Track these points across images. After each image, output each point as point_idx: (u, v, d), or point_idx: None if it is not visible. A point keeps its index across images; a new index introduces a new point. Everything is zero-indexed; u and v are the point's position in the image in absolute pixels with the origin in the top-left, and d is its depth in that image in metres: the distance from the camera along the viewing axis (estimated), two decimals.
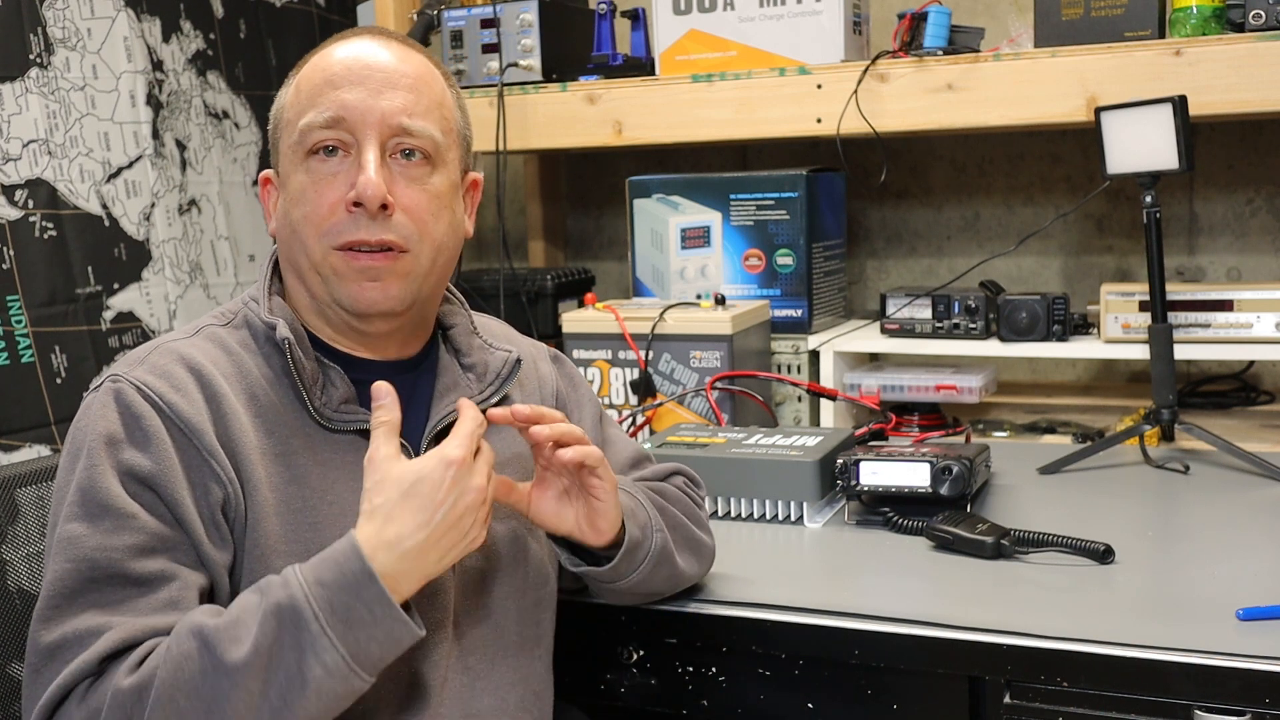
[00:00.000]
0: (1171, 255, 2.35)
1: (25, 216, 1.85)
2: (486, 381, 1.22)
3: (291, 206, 1.11)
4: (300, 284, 1.14)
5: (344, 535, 1.00)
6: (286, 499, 1.07)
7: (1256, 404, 2.21)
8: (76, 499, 1.02)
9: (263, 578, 1.00)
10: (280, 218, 1.14)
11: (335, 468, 1.10)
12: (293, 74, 1.16)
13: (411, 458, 1.09)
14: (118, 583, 0.99)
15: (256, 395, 1.09)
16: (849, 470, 1.54)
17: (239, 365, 1.11)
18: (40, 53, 1.89)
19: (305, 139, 1.10)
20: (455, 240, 1.18)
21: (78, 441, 1.05)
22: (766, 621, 1.29)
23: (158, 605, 0.99)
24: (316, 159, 1.10)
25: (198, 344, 1.11)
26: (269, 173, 1.18)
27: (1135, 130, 1.74)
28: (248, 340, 1.13)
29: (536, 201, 2.82)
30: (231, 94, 2.31)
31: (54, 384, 1.86)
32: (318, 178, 1.10)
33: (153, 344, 1.12)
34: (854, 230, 2.56)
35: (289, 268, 1.15)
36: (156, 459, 1.02)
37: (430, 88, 1.14)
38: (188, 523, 1.02)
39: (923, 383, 2.06)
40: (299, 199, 1.10)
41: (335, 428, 1.11)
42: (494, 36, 2.28)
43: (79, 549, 0.99)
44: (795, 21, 2.12)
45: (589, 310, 2.04)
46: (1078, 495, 1.66)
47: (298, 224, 1.11)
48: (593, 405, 1.38)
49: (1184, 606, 1.24)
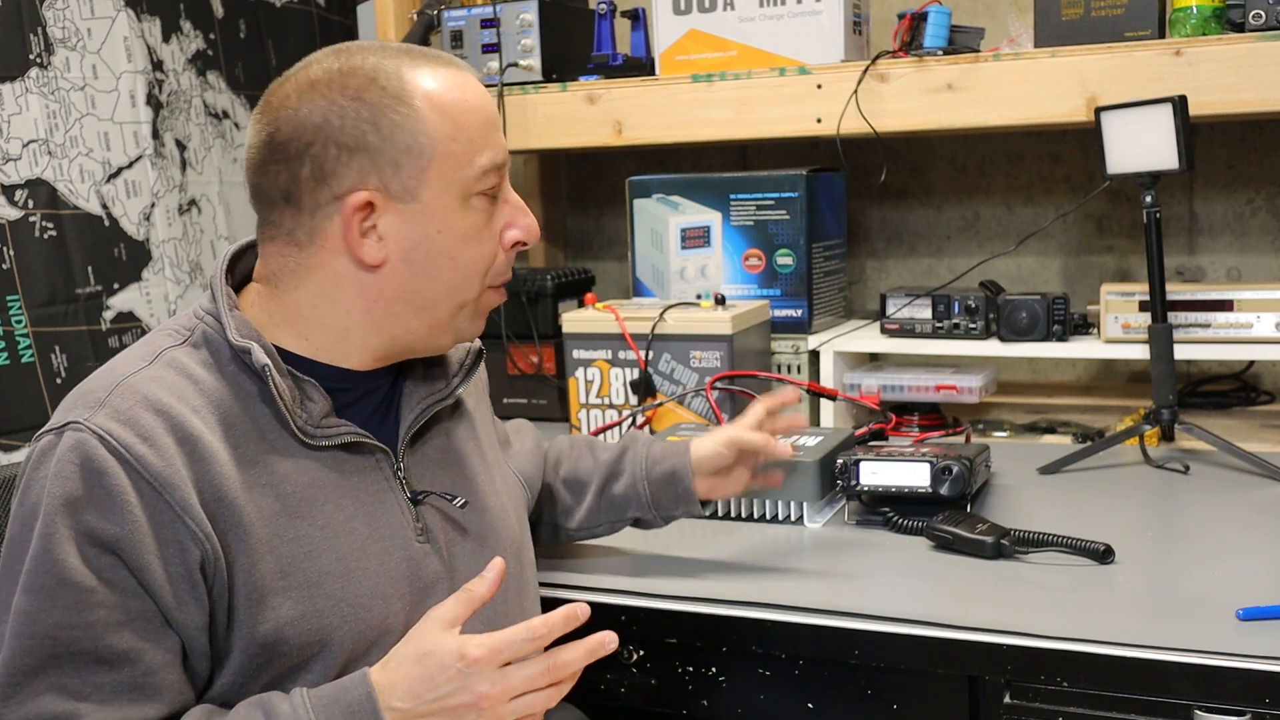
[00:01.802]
0: (1171, 255, 2.35)
1: (25, 216, 1.85)
2: (450, 373, 1.22)
3: (460, 245, 1.10)
4: (400, 320, 1.11)
5: (344, 564, 1.05)
6: (278, 531, 1.04)
7: (1256, 404, 2.21)
8: (32, 569, 0.96)
9: (263, 621, 1.01)
10: (423, 252, 1.08)
11: (321, 485, 1.08)
12: (416, 98, 1.06)
13: (394, 462, 1.13)
14: (80, 661, 0.96)
15: (232, 425, 1.05)
16: (849, 470, 1.54)
17: (207, 394, 1.05)
18: (40, 53, 1.89)
19: (485, 179, 1.10)
20: None
21: (34, 497, 0.98)
22: (766, 621, 1.29)
23: (123, 687, 0.97)
24: (482, 199, 1.11)
25: (159, 375, 1.04)
26: (374, 196, 1.06)
27: (1135, 130, 1.74)
28: (209, 360, 1.07)
29: (536, 201, 2.82)
30: (231, 94, 2.31)
31: (54, 384, 1.86)
32: (488, 218, 1.12)
33: (110, 378, 1.03)
34: (854, 230, 2.56)
35: (407, 303, 1.10)
36: (121, 523, 0.96)
37: None
38: (155, 589, 0.98)
39: (923, 383, 2.06)
40: (474, 238, 1.11)
41: (318, 444, 1.09)
42: (494, 36, 2.28)
43: (38, 625, 0.96)
44: (795, 21, 2.12)
45: (589, 310, 2.04)
46: (1078, 495, 1.66)
47: (469, 263, 1.11)
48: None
49: (1184, 606, 1.24)
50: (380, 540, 1.10)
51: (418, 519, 1.14)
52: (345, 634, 1.05)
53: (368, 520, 1.10)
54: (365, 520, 1.10)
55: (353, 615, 1.06)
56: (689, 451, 1.39)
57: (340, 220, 1.06)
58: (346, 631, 1.05)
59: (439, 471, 1.19)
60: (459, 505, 1.15)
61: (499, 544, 1.21)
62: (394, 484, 1.13)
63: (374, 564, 1.09)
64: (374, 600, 1.08)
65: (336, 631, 1.05)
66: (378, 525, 1.11)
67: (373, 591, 1.08)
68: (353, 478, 1.11)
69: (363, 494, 1.11)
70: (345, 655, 1.06)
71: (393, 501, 1.13)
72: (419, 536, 1.13)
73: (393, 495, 1.13)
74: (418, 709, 0.98)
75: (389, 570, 1.10)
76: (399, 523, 1.12)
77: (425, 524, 1.14)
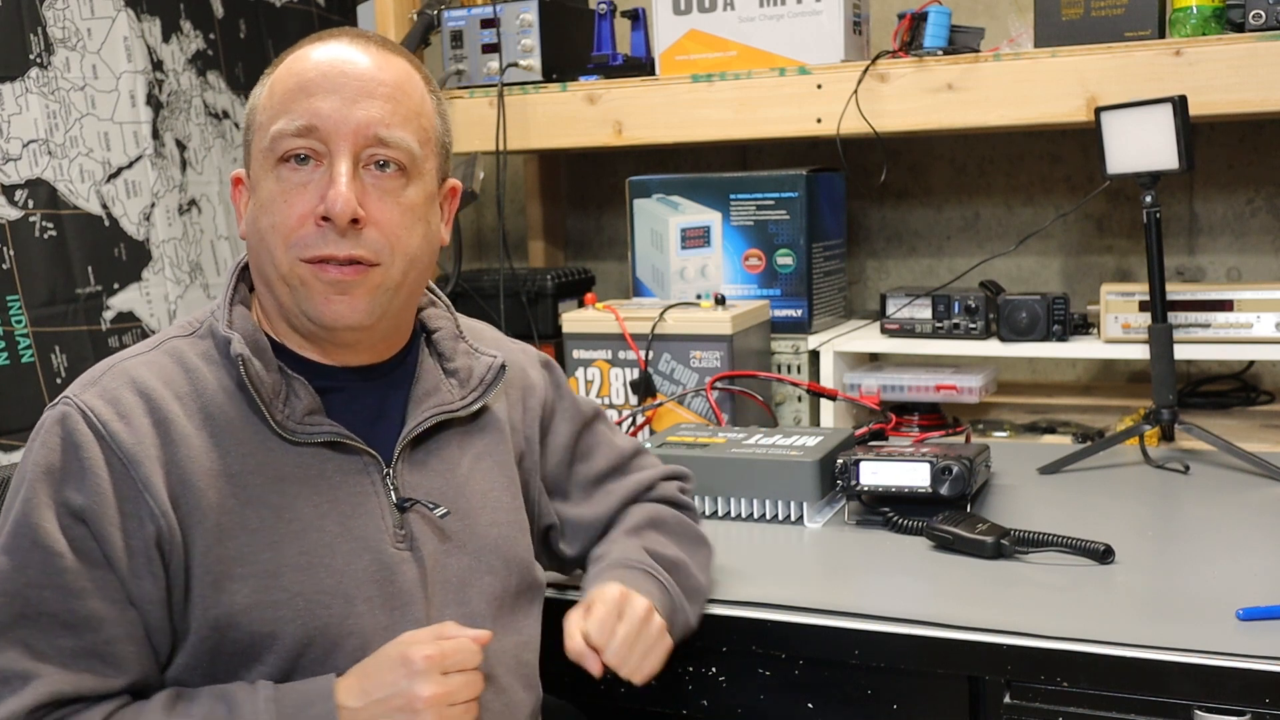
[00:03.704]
0: (1171, 255, 2.35)
1: (25, 216, 1.85)
2: (470, 387, 1.20)
3: (260, 214, 1.08)
4: (268, 291, 1.12)
5: (307, 559, 1.05)
6: (242, 520, 1.05)
7: (1256, 404, 2.21)
8: (12, 531, 1.02)
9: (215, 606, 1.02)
10: (249, 223, 1.11)
11: (296, 482, 1.08)
12: (267, 73, 1.13)
13: (383, 470, 1.12)
14: (47, 623, 1.00)
15: (212, 414, 1.07)
16: (849, 470, 1.54)
17: (196, 382, 1.08)
18: (40, 53, 1.89)
19: (276, 146, 1.07)
20: (429, 251, 1.15)
21: (23, 469, 1.05)
22: (766, 621, 1.28)
23: (84, 652, 1.00)
24: (287, 167, 1.07)
25: (155, 360, 1.09)
26: (240, 172, 1.14)
27: (1135, 130, 1.74)
28: (211, 351, 1.11)
29: (536, 201, 2.82)
30: (231, 94, 2.31)
31: (54, 384, 1.86)
32: (287, 187, 1.06)
33: (110, 361, 1.10)
34: (854, 230, 2.56)
35: (257, 274, 1.12)
36: (90, 494, 1.01)
37: (409, 96, 1.11)
38: (116, 560, 1.01)
39: (923, 383, 2.06)
40: (267, 207, 1.07)
41: (298, 440, 1.09)
42: (494, 36, 2.28)
43: (11, 584, 1.00)
44: (795, 21, 2.12)
45: (589, 310, 2.04)
46: (1078, 495, 1.66)
47: (265, 233, 1.08)
48: (572, 419, 1.34)
49: (1184, 606, 1.24)
50: (350, 541, 1.09)
51: (401, 525, 1.12)
52: (298, 627, 1.05)
53: (340, 520, 1.09)
54: (338, 520, 1.09)
55: (308, 610, 1.06)
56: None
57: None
58: (300, 625, 1.05)
59: (436, 481, 1.16)
60: (439, 515, 1.14)
61: (494, 561, 1.18)
62: (379, 488, 1.12)
63: (339, 563, 1.08)
64: (333, 599, 1.07)
65: (290, 624, 1.05)
66: (350, 526, 1.10)
67: (332, 589, 1.07)
68: (334, 477, 1.10)
69: (341, 493, 1.10)
70: (298, 649, 1.05)
71: (374, 505, 1.12)
72: (398, 542, 1.12)
73: (375, 499, 1.12)
74: (365, 709, 1.01)
75: (354, 572, 1.09)
76: (375, 527, 1.11)
77: (411, 531, 1.13)
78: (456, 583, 1.15)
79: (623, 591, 1.17)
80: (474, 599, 1.16)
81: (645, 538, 1.28)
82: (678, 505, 1.37)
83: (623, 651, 1.14)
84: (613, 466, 1.35)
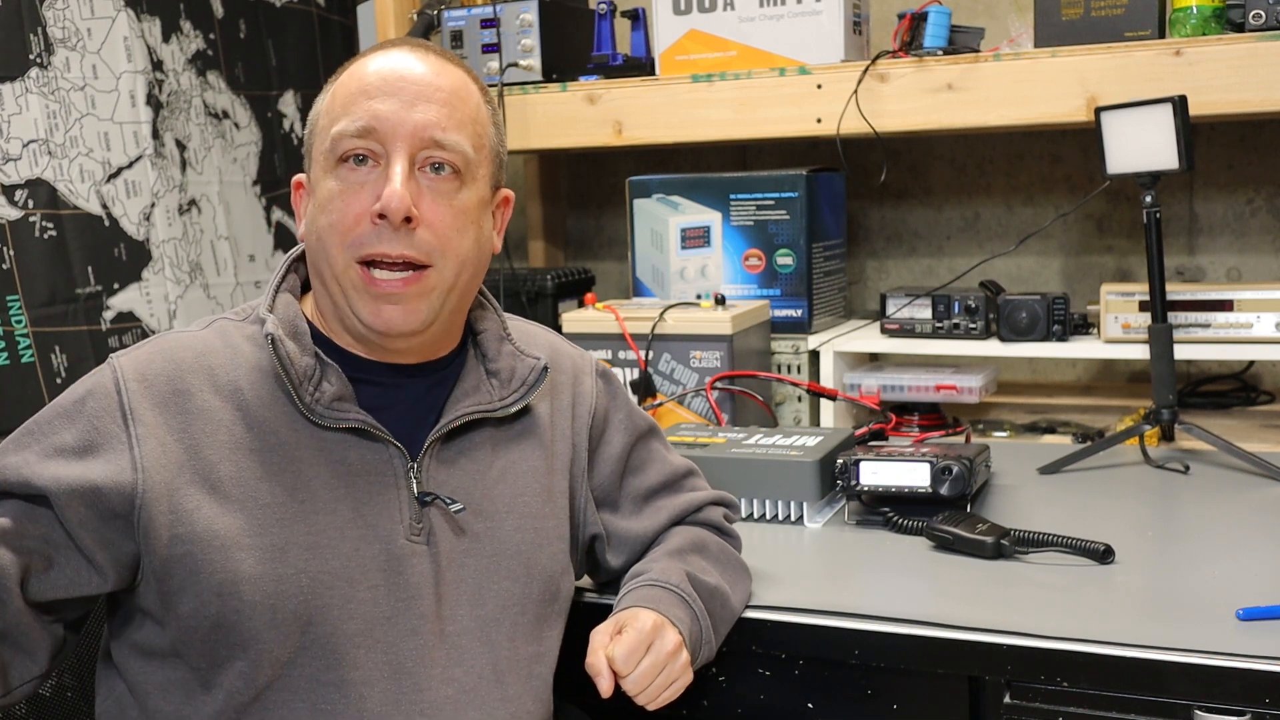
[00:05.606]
0: (1171, 255, 2.35)
1: (25, 216, 1.85)
2: (511, 388, 1.20)
3: (319, 213, 1.11)
4: (324, 291, 1.15)
5: (314, 539, 1.08)
6: (255, 494, 1.08)
7: (1256, 404, 2.21)
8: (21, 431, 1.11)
9: (220, 570, 1.05)
10: (309, 223, 1.14)
11: (315, 464, 1.10)
12: (331, 81, 1.16)
13: (409, 463, 1.13)
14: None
15: (243, 390, 1.11)
16: (849, 470, 1.54)
17: (234, 359, 1.13)
18: (40, 53, 1.89)
19: (336, 147, 1.10)
20: (481, 256, 1.17)
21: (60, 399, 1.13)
22: (766, 621, 1.29)
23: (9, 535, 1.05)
24: (346, 167, 1.10)
25: (200, 336, 1.15)
26: (301, 177, 1.18)
27: (1135, 130, 1.74)
28: (254, 335, 1.15)
29: (536, 201, 2.82)
30: (231, 94, 2.31)
31: (54, 384, 1.86)
32: (346, 186, 1.10)
33: (162, 333, 1.18)
34: (854, 230, 2.56)
35: (314, 273, 1.16)
36: (79, 435, 1.08)
37: (465, 102, 1.14)
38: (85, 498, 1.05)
39: (923, 383, 2.07)
40: (326, 206, 1.10)
41: (324, 424, 1.11)
42: (494, 36, 2.28)
43: None
44: (795, 21, 2.12)
45: (589, 310, 2.04)
46: (1078, 495, 1.66)
47: (324, 231, 1.11)
48: (627, 431, 1.33)
49: (1184, 606, 1.24)
50: (361, 528, 1.10)
51: (419, 519, 1.13)
52: (299, 604, 1.06)
53: (355, 506, 1.11)
54: (352, 505, 1.11)
55: (310, 589, 1.07)
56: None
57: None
58: (301, 601, 1.06)
59: (463, 480, 1.17)
60: (455, 510, 1.14)
61: (515, 566, 1.18)
62: (402, 480, 1.13)
63: (347, 547, 1.09)
64: (336, 580, 1.08)
65: (291, 599, 1.06)
66: (364, 513, 1.11)
67: (337, 572, 1.08)
68: (355, 464, 1.12)
69: (360, 481, 1.12)
70: (299, 627, 1.06)
71: (392, 496, 1.13)
72: (413, 535, 1.12)
73: (395, 491, 1.13)
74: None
75: (361, 558, 1.10)
76: (390, 517, 1.12)
77: (430, 526, 1.14)
78: (472, 583, 1.15)
79: (656, 623, 1.17)
80: (489, 602, 1.16)
81: (688, 561, 1.28)
82: (722, 532, 1.37)
83: (643, 683, 1.15)
84: (664, 483, 1.35)
